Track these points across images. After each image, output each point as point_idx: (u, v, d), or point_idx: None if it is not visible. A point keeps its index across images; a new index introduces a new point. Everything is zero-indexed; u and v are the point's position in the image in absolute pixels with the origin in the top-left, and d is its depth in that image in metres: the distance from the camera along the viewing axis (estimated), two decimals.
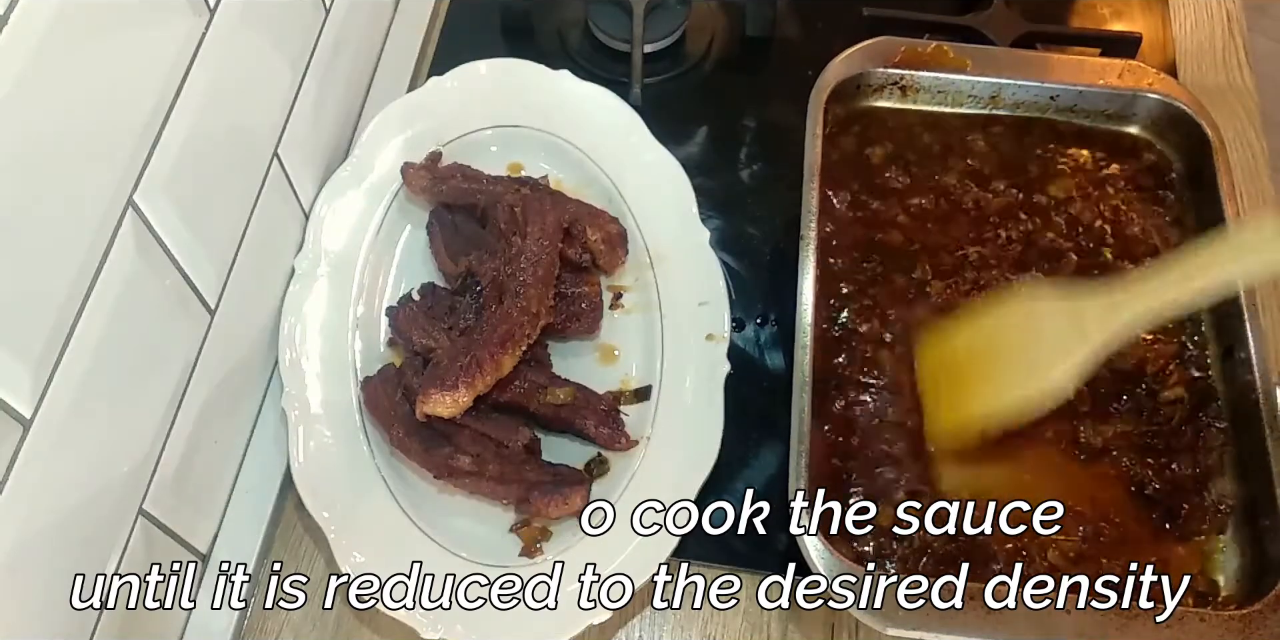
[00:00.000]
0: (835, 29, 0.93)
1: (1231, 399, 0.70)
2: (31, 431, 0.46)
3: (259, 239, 0.68)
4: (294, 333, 0.73)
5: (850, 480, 0.68)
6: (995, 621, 0.60)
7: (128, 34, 0.50)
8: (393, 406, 0.69)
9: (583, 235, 0.75)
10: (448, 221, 0.78)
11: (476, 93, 0.82)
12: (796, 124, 0.77)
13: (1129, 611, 0.61)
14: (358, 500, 0.68)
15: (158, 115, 0.54)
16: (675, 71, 0.93)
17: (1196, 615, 0.61)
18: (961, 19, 0.91)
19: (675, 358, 0.73)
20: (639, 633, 0.68)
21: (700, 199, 0.78)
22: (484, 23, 0.95)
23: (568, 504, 0.66)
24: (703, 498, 0.68)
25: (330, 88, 0.77)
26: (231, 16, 0.59)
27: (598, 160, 0.80)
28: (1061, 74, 0.81)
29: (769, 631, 0.68)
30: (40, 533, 0.48)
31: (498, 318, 0.68)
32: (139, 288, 0.54)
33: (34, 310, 0.46)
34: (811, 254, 0.71)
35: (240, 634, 0.67)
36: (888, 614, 0.60)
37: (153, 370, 0.58)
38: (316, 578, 0.70)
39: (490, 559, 0.67)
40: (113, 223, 0.51)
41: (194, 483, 0.64)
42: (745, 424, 0.72)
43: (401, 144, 0.80)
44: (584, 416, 0.70)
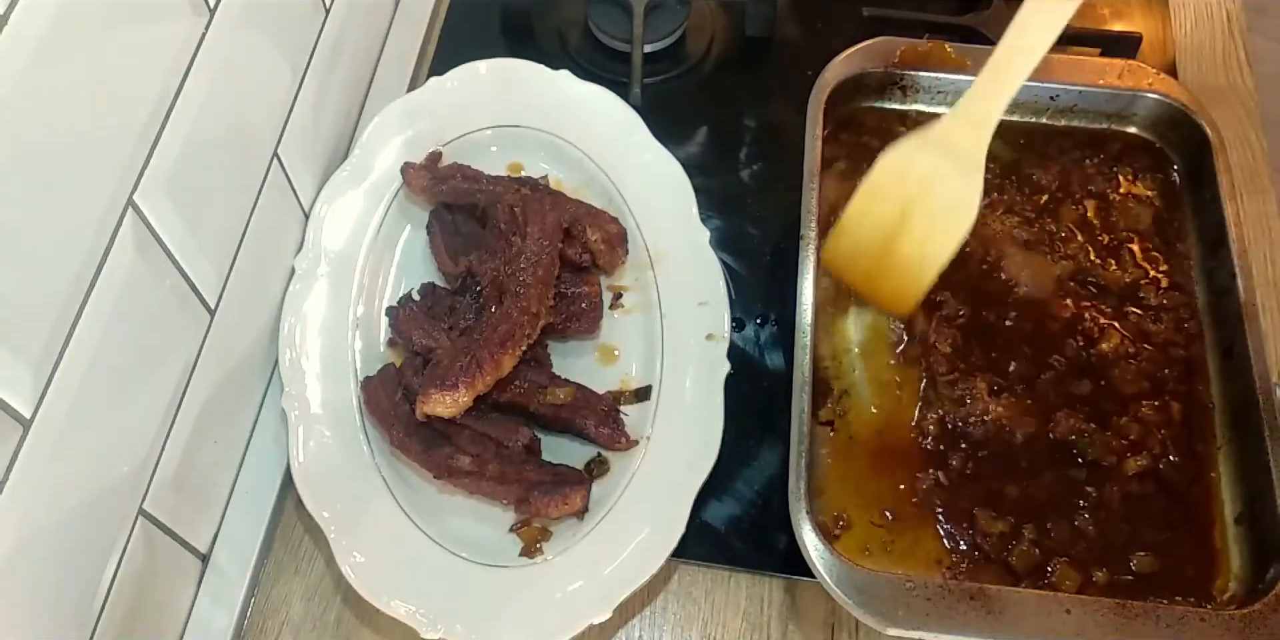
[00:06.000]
0: (835, 29, 0.93)
1: (1231, 399, 0.70)
2: (31, 431, 0.46)
3: (259, 239, 0.68)
4: (294, 333, 0.73)
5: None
6: (995, 621, 0.60)
7: (128, 34, 0.50)
8: (393, 406, 0.69)
9: (583, 235, 0.75)
10: (448, 221, 0.78)
11: (476, 93, 0.82)
12: (796, 124, 0.77)
13: (1129, 611, 0.61)
14: (358, 500, 0.68)
15: (158, 115, 0.54)
16: (675, 71, 0.93)
17: (1196, 615, 0.61)
18: (961, 19, 0.91)
19: (675, 358, 0.73)
20: (639, 632, 0.68)
21: (700, 199, 0.78)
22: (484, 23, 0.95)
23: (568, 504, 0.66)
24: (703, 497, 0.68)
25: (330, 88, 0.77)
26: (231, 16, 0.59)
27: (598, 160, 0.80)
28: (1061, 74, 0.81)
29: (769, 631, 0.68)
30: (40, 533, 0.48)
31: (498, 318, 0.68)
32: (139, 288, 0.54)
33: (34, 310, 0.46)
34: (811, 254, 0.72)
35: (240, 634, 0.67)
36: (888, 614, 0.60)
37: (153, 370, 0.58)
38: (316, 577, 0.70)
39: (490, 559, 0.67)
40: (113, 223, 0.51)
41: (194, 483, 0.64)
42: (745, 424, 0.72)
43: (401, 144, 0.80)
44: (584, 416, 0.70)
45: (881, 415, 0.70)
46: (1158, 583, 0.65)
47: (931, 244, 0.65)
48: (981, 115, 0.63)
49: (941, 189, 0.64)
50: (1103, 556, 0.65)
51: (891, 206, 0.66)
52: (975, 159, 0.64)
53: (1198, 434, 0.70)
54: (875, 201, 0.66)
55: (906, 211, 0.65)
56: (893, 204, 0.66)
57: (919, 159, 0.65)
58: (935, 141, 0.64)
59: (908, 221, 0.65)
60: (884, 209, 0.66)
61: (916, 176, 0.65)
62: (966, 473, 0.68)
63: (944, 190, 0.64)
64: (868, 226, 0.67)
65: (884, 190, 0.66)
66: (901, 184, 0.65)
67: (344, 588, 0.68)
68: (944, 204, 0.64)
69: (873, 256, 0.67)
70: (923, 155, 0.65)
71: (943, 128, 0.64)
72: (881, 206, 0.66)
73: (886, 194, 0.66)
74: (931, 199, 0.65)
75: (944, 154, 0.64)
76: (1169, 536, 0.66)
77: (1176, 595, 0.64)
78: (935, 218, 0.65)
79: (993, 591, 0.61)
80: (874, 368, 0.72)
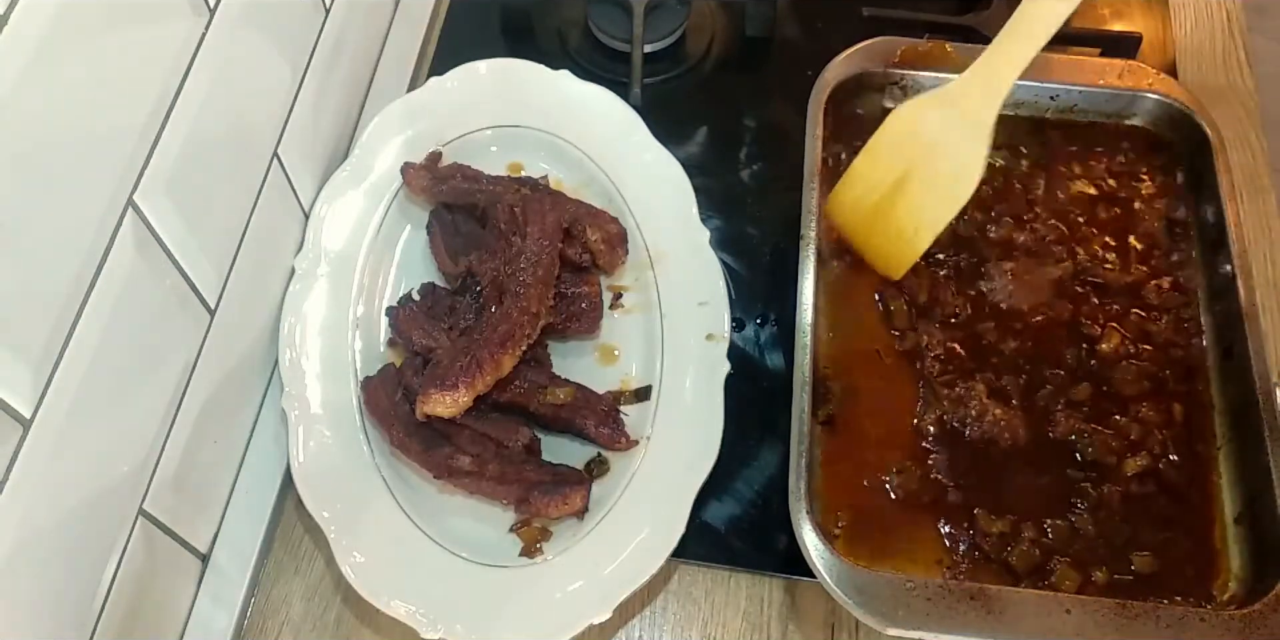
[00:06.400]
0: (835, 29, 0.93)
1: (1231, 400, 0.70)
2: (31, 431, 0.46)
3: (259, 239, 0.68)
4: (294, 333, 0.73)
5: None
6: (995, 621, 0.60)
7: (128, 34, 0.50)
8: (393, 406, 0.69)
9: (583, 235, 0.75)
10: (448, 221, 0.78)
11: (476, 93, 0.82)
12: (796, 124, 0.78)
13: (1129, 611, 0.61)
14: (358, 500, 0.68)
15: (157, 115, 0.54)
16: (675, 71, 0.93)
17: (1196, 615, 0.61)
18: (961, 19, 0.91)
19: (675, 358, 0.73)
20: (639, 632, 0.68)
21: (700, 199, 0.78)
22: (484, 22, 0.95)
23: (568, 504, 0.66)
24: (703, 497, 0.68)
25: (330, 88, 0.77)
26: (232, 16, 0.59)
27: (598, 160, 0.80)
28: (1061, 74, 0.81)
29: (769, 631, 0.68)
30: (40, 533, 0.48)
31: (498, 318, 0.68)
32: (139, 288, 0.54)
33: (34, 310, 0.46)
34: (812, 254, 0.72)
35: (240, 634, 0.67)
36: (888, 614, 0.60)
37: (153, 370, 0.58)
38: (316, 577, 0.70)
39: (490, 559, 0.67)
40: (112, 223, 0.51)
41: (194, 483, 0.64)
42: (745, 424, 0.72)
43: (401, 144, 0.80)
44: (584, 416, 0.70)
45: (881, 415, 0.70)
46: (1158, 583, 0.65)
47: (929, 212, 0.65)
48: (996, 77, 0.62)
49: (946, 153, 0.64)
50: (1103, 556, 0.65)
51: (895, 166, 0.65)
52: (984, 123, 0.63)
53: (1198, 434, 0.70)
54: (880, 159, 0.66)
55: (908, 174, 0.65)
56: (897, 163, 0.65)
57: (929, 116, 0.64)
58: (946, 100, 0.64)
59: (907, 186, 0.65)
60: (887, 167, 0.65)
61: (924, 136, 0.64)
62: (966, 473, 0.68)
63: (948, 154, 0.63)
64: (870, 183, 0.67)
65: (890, 147, 0.65)
66: (908, 142, 0.65)
67: (344, 588, 0.68)
68: (946, 170, 0.64)
69: (870, 216, 0.67)
70: (933, 113, 0.64)
71: (956, 87, 0.63)
72: (886, 163, 0.65)
73: (892, 151, 0.65)
74: (934, 163, 0.64)
75: (954, 114, 0.63)
76: (1169, 536, 0.66)
77: (1176, 595, 0.64)
78: (936, 184, 0.64)
79: (993, 591, 0.61)
80: (873, 368, 0.72)
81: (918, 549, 0.66)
